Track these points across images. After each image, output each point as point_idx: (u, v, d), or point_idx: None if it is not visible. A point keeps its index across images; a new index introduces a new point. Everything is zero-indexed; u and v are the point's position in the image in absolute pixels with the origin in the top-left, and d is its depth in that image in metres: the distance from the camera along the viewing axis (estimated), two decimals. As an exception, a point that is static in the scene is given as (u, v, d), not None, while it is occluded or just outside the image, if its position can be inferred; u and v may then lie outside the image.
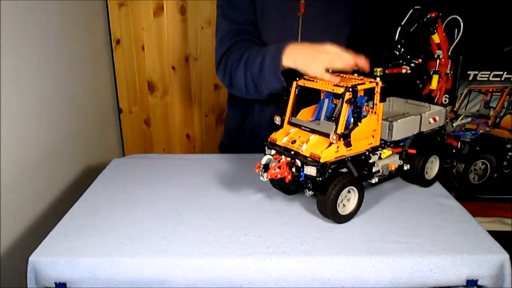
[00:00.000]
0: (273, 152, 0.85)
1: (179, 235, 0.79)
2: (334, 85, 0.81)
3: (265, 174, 0.80)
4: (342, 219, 0.83)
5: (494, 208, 1.75)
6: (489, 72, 1.60)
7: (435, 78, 1.00)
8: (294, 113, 0.89)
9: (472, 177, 1.73)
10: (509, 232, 1.72)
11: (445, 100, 1.64)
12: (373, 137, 0.85)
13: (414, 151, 0.92)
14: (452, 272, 0.72)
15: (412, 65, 0.96)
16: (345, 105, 0.79)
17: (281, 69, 0.93)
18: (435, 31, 0.97)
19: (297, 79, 0.87)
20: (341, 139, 0.79)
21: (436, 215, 0.86)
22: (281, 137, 0.86)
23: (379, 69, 0.83)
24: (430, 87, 1.01)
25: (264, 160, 0.82)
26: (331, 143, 0.79)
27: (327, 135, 0.80)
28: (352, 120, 0.81)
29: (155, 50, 1.77)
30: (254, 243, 0.77)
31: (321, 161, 0.78)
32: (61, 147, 1.26)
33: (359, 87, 0.80)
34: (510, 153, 1.69)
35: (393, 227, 0.81)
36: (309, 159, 0.79)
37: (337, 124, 0.79)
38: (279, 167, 0.80)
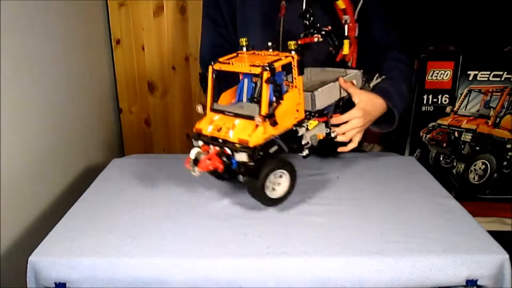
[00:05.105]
0: (200, 143, 0.83)
1: (179, 235, 0.79)
2: (250, 65, 0.80)
3: (196, 168, 0.79)
4: (272, 202, 0.84)
5: (494, 208, 1.75)
6: (489, 72, 1.60)
7: (346, 44, 1.00)
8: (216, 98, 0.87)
9: (472, 177, 1.73)
10: (509, 232, 1.72)
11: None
12: (297, 111, 0.85)
13: (338, 115, 0.94)
14: (452, 272, 0.72)
15: (323, 32, 0.96)
16: (265, 85, 0.78)
17: None
18: None
19: (212, 63, 0.84)
20: (267, 119, 0.78)
21: (436, 215, 0.86)
22: (206, 126, 0.83)
23: (292, 42, 0.83)
24: (343, 53, 1.01)
25: (193, 154, 0.81)
26: (257, 126, 0.78)
27: (252, 118, 0.79)
28: (274, 98, 0.80)
29: (155, 50, 1.77)
30: (254, 243, 0.77)
31: (250, 145, 0.77)
32: (61, 147, 1.26)
33: (275, 64, 0.79)
34: (510, 153, 1.69)
35: (393, 227, 0.81)
36: (238, 145, 0.78)
37: (260, 105, 0.79)
38: (209, 159, 0.79)
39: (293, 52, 0.83)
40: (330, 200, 0.91)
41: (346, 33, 1.00)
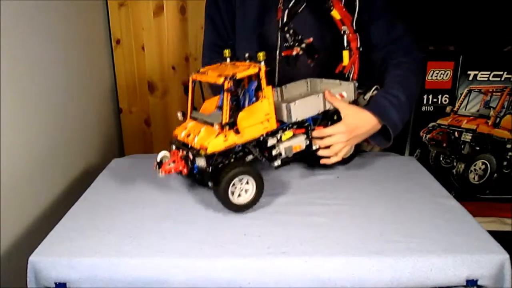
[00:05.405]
0: (173, 147, 0.88)
1: (179, 235, 0.80)
2: (217, 75, 0.83)
3: (159, 170, 0.83)
4: (238, 208, 0.85)
5: (494, 208, 1.75)
6: (489, 72, 1.60)
7: (346, 55, 1.00)
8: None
9: (472, 177, 1.73)
10: (509, 232, 1.72)
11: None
12: (268, 121, 0.87)
13: (321, 127, 0.95)
14: (452, 272, 0.72)
15: (303, 45, 0.97)
16: (225, 94, 0.81)
17: None
18: (332, 7, 0.96)
19: (192, 74, 0.90)
20: (226, 127, 0.81)
21: (436, 215, 0.86)
22: (180, 132, 0.89)
23: (261, 54, 0.84)
24: (343, 64, 1.01)
25: (159, 157, 0.85)
26: (219, 133, 0.81)
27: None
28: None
29: (155, 50, 1.77)
30: (254, 243, 0.77)
31: (208, 151, 0.80)
32: (61, 147, 1.26)
33: (238, 75, 0.82)
34: (510, 153, 1.69)
35: (393, 227, 0.81)
36: (202, 151, 0.81)
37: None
38: (173, 162, 0.83)
39: (262, 63, 0.84)
40: (330, 200, 0.91)
41: (345, 44, 0.99)
